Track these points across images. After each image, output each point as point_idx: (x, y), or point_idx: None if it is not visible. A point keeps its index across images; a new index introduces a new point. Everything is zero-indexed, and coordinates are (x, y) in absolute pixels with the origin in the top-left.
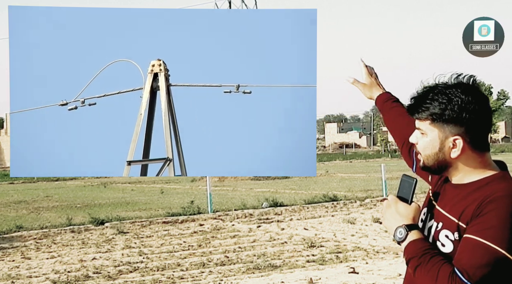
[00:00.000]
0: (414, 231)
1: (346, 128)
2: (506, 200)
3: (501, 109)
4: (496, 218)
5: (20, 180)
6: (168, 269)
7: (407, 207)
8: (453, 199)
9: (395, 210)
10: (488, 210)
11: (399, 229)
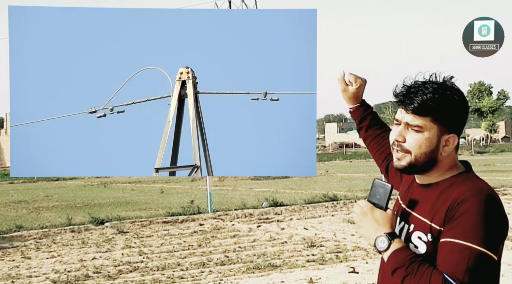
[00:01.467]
0: (397, 239)
1: (346, 128)
2: (476, 199)
3: (501, 109)
4: (472, 219)
5: (20, 180)
6: (168, 269)
7: (384, 214)
8: (423, 201)
9: (373, 218)
10: (462, 211)
11: (380, 238)
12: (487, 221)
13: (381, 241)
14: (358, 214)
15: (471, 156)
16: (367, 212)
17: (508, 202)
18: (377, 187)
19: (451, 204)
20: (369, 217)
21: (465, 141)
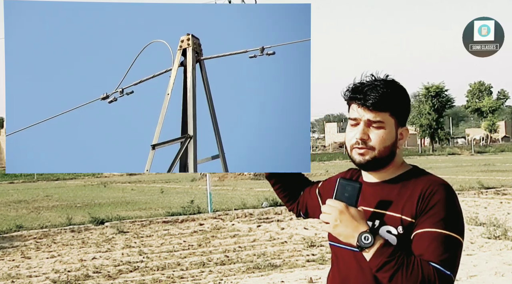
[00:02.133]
0: (379, 235)
1: (346, 127)
2: (444, 189)
3: (501, 109)
4: (446, 208)
5: (20, 180)
6: (168, 269)
7: (360, 211)
8: (383, 197)
9: (350, 215)
10: (435, 202)
11: (364, 235)
12: (457, 209)
13: (365, 238)
14: (334, 213)
15: (471, 156)
16: (343, 210)
17: (508, 202)
18: (343, 185)
19: (420, 196)
20: (346, 215)
21: (465, 141)
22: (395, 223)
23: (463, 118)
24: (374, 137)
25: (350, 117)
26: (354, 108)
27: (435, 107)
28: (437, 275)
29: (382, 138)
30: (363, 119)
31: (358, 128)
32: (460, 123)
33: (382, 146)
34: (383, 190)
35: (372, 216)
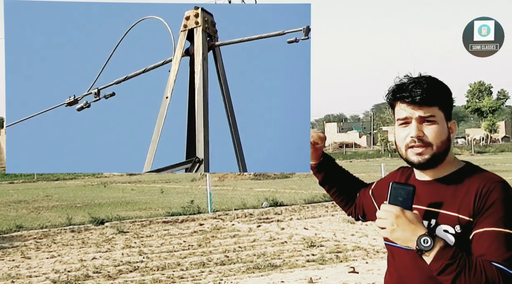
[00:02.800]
0: (438, 237)
1: (346, 127)
2: (501, 187)
3: (501, 109)
4: (504, 206)
5: (20, 180)
6: (168, 269)
7: (416, 214)
8: (438, 196)
9: (407, 219)
10: (493, 200)
11: (423, 238)
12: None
13: (424, 241)
14: (390, 218)
15: (471, 156)
16: (399, 214)
17: None
18: (397, 189)
19: (477, 195)
20: (403, 219)
21: (465, 141)
22: (452, 222)
23: (463, 118)
24: (429, 133)
25: (399, 117)
26: (402, 107)
27: None
28: (501, 275)
29: (437, 132)
30: (414, 117)
31: (411, 127)
32: (460, 123)
33: (439, 140)
34: (437, 189)
35: (427, 215)
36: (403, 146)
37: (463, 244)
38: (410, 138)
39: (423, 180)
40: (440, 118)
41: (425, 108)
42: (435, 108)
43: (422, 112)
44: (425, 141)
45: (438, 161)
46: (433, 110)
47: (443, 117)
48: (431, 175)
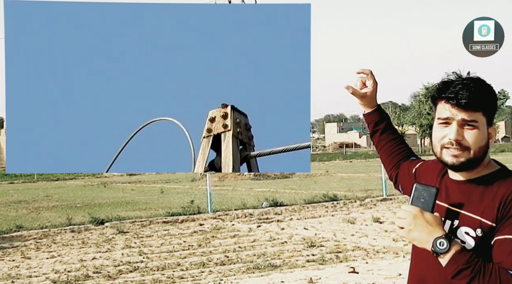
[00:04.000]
0: (455, 240)
1: (346, 127)
2: None
3: (501, 109)
4: None
5: (20, 180)
6: (168, 269)
7: (435, 216)
8: (465, 197)
9: (425, 220)
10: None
11: (439, 240)
12: None
13: (441, 244)
14: (408, 218)
15: None
16: (418, 215)
17: None
18: (419, 191)
19: (502, 201)
20: (421, 220)
21: None
22: (474, 225)
23: None
24: (469, 138)
25: (441, 116)
26: (446, 107)
27: None
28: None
29: (477, 138)
30: (456, 119)
31: (451, 128)
32: None
33: (477, 146)
34: (466, 190)
35: (451, 215)
36: (438, 145)
37: (483, 248)
38: (448, 140)
39: (456, 179)
40: (482, 123)
41: (469, 112)
42: (479, 113)
43: (465, 116)
44: (463, 145)
45: (473, 165)
46: (477, 115)
47: (485, 123)
48: (464, 176)
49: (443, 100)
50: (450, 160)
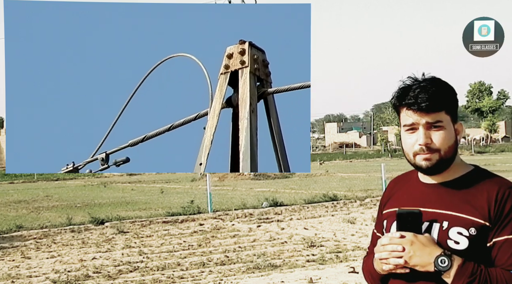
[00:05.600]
0: (454, 255)
1: (346, 127)
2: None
3: (501, 109)
4: None
5: (20, 180)
6: (168, 269)
7: (428, 237)
8: (448, 198)
9: (421, 244)
10: (510, 205)
11: (440, 258)
12: None
13: (442, 261)
14: (406, 245)
15: (471, 156)
16: (413, 240)
17: None
18: (404, 216)
19: (495, 200)
20: (417, 244)
21: (465, 141)
22: (465, 224)
23: (463, 118)
24: (436, 139)
25: (406, 123)
26: (409, 113)
27: None
28: None
29: (445, 138)
30: (421, 123)
31: (419, 133)
32: None
33: (446, 146)
34: (447, 192)
35: (439, 218)
36: (411, 153)
37: (476, 247)
38: (419, 146)
39: (429, 183)
40: (447, 122)
41: (432, 114)
42: (442, 113)
43: (429, 119)
44: (433, 148)
45: (446, 165)
46: (440, 115)
47: (449, 120)
48: (440, 177)
49: (404, 107)
50: (424, 164)
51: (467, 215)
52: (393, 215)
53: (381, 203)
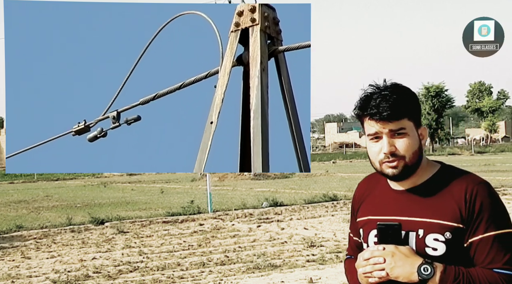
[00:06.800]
0: (435, 262)
1: (346, 127)
2: (483, 187)
3: (501, 109)
4: (492, 207)
5: (20, 180)
6: (168, 269)
7: (409, 248)
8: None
9: (403, 254)
10: (480, 203)
11: (423, 267)
12: (501, 204)
13: (425, 269)
14: (387, 257)
15: (471, 156)
16: (394, 252)
17: (508, 202)
18: (384, 229)
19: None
20: (399, 255)
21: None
22: (440, 230)
23: (463, 118)
24: (401, 146)
25: (370, 133)
26: (371, 123)
27: (435, 107)
28: (504, 280)
29: (409, 144)
30: (384, 132)
31: (383, 142)
32: (460, 123)
33: (411, 152)
34: (417, 197)
35: (413, 225)
36: (376, 161)
37: (454, 250)
38: (384, 155)
39: (399, 189)
40: (410, 128)
41: (395, 122)
42: (404, 120)
43: (392, 126)
44: (397, 155)
45: (411, 171)
46: (403, 123)
47: (413, 127)
48: (407, 184)
49: (367, 116)
50: (391, 172)
51: (441, 220)
52: (368, 224)
53: (353, 207)
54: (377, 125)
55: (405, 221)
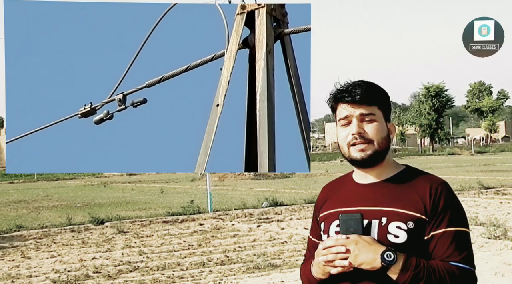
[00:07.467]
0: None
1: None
2: (447, 187)
3: (501, 109)
4: (453, 205)
5: (20, 180)
6: (168, 269)
7: (371, 237)
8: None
9: (366, 242)
10: (444, 200)
11: (386, 253)
12: (460, 204)
13: (388, 256)
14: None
15: (471, 156)
16: (358, 240)
17: (508, 202)
18: (346, 221)
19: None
20: (362, 243)
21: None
22: (403, 218)
23: (463, 118)
24: (370, 130)
25: (341, 116)
26: (343, 106)
27: (435, 107)
28: (462, 274)
29: (378, 130)
30: (355, 115)
31: (352, 125)
32: (460, 123)
33: (379, 137)
34: (383, 189)
35: (377, 214)
36: (345, 144)
37: (414, 240)
38: (352, 136)
39: (365, 183)
40: (379, 117)
41: (365, 106)
42: (375, 107)
43: (363, 110)
44: (366, 138)
45: (379, 158)
46: (373, 109)
47: (382, 117)
48: (374, 176)
49: (339, 102)
50: (359, 155)
51: (404, 209)
52: (330, 216)
53: (316, 208)
54: (349, 107)
55: (368, 210)
